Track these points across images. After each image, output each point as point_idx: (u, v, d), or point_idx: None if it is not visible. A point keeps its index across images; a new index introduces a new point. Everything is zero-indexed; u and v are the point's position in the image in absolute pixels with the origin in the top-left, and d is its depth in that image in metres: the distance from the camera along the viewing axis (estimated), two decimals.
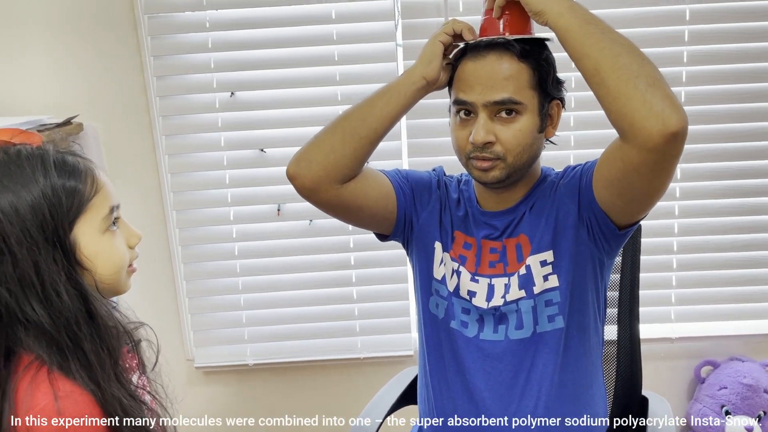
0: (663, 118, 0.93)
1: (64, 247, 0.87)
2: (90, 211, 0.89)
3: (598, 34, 0.99)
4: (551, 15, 1.02)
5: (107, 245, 0.91)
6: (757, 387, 1.91)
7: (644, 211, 1.11)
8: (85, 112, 1.86)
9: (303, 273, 2.00)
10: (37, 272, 0.85)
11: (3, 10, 1.83)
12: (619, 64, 0.96)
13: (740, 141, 1.90)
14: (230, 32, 1.86)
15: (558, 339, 1.16)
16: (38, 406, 0.83)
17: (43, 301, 0.85)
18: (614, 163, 1.04)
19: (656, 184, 1.03)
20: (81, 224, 0.89)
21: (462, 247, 1.23)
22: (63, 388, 0.84)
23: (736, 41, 1.84)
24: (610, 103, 0.97)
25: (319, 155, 1.15)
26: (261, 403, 2.10)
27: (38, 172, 0.87)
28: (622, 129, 0.98)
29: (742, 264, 1.97)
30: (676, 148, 0.96)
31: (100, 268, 0.90)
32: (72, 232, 0.88)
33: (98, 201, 0.90)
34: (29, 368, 0.84)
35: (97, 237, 0.90)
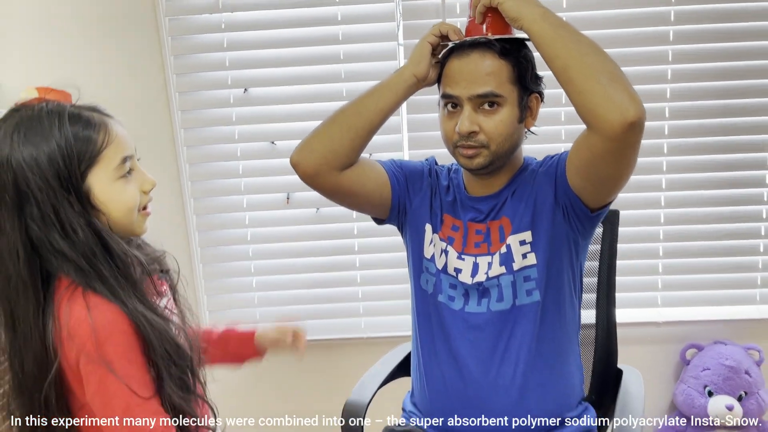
0: (622, 110, 1.05)
1: (78, 193, 0.98)
2: (103, 161, 0.99)
3: (567, 36, 1.11)
4: (526, 21, 1.14)
5: (119, 191, 1.01)
6: (739, 369, 2.00)
7: (612, 194, 1.23)
8: (111, 106, 1.99)
9: (310, 257, 2.12)
10: (56, 213, 0.96)
11: (38, 14, 1.98)
12: (584, 63, 1.08)
13: (723, 135, 1.99)
14: (244, 33, 1.99)
15: (535, 311, 1.28)
16: (74, 318, 0.95)
17: (64, 236, 0.97)
18: (582, 151, 1.16)
19: (620, 169, 1.15)
20: (95, 172, 0.99)
21: (450, 229, 1.35)
22: (94, 301, 0.96)
23: (720, 41, 1.94)
24: (576, 97, 1.09)
25: (319, 145, 1.28)
26: (271, 378, 2.22)
27: (55, 127, 0.97)
28: (587, 120, 1.10)
29: (726, 252, 2.06)
30: (634, 136, 1.08)
31: (113, 211, 1.01)
32: (87, 180, 0.98)
33: (110, 151, 1.00)
34: (68, 289, 0.97)
35: (109, 184, 1.00)
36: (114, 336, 0.96)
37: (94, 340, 0.94)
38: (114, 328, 0.96)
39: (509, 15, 1.16)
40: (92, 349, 0.95)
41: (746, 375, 2.01)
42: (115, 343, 0.96)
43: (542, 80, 1.28)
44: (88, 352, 0.95)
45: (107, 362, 0.95)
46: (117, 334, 0.96)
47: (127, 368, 0.97)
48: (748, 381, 2.01)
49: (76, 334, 0.95)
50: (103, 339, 0.95)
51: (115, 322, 0.96)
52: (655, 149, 2.01)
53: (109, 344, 0.95)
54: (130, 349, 0.97)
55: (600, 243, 1.55)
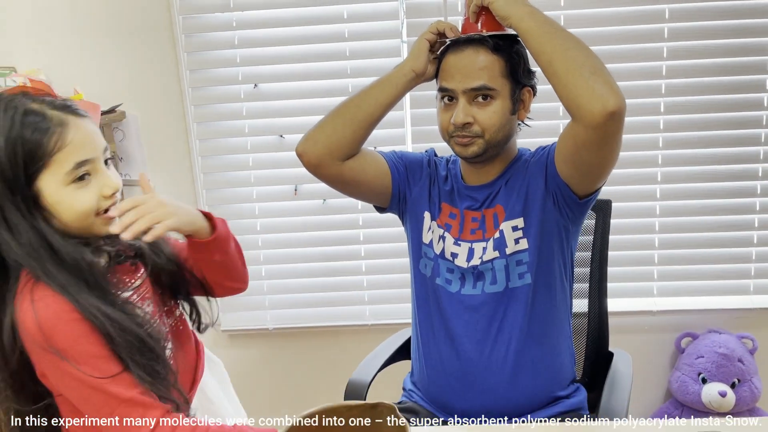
0: (603, 101, 1.12)
1: (25, 195, 0.96)
2: (53, 165, 0.96)
3: (552, 33, 1.18)
4: (514, 19, 1.21)
5: (70, 196, 0.98)
6: (732, 356, 2.06)
7: (598, 181, 1.30)
8: (127, 102, 2.10)
9: (317, 247, 2.20)
10: (2, 213, 0.96)
11: (62, 15, 2.07)
12: (568, 57, 1.15)
13: (717, 130, 2.05)
14: (254, 31, 2.07)
15: (527, 293, 1.35)
16: (22, 311, 0.96)
17: (9, 234, 0.97)
18: (567, 141, 1.23)
19: (603, 157, 1.22)
20: (45, 176, 0.96)
21: (448, 217, 1.42)
22: (39, 294, 0.96)
23: (714, 37, 1.99)
24: (561, 89, 1.17)
25: (323, 136, 1.37)
26: (279, 363, 2.31)
27: (6, 125, 0.95)
28: (571, 110, 1.17)
29: (721, 244, 2.12)
30: (614, 125, 1.15)
31: (63, 215, 0.99)
32: (36, 182, 0.97)
33: (62, 156, 0.96)
34: (27, 284, 0.98)
35: (60, 188, 0.97)
36: (59, 325, 0.95)
37: (40, 332, 0.94)
38: (59, 319, 0.95)
39: (499, 14, 1.23)
40: (42, 340, 0.95)
41: (739, 363, 2.06)
42: (62, 332, 0.95)
43: (535, 75, 1.35)
44: (39, 342, 0.95)
45: (57, 350, 0.95)
46: (62, 323, 0.95)
47: (81, 353, 0.96)
48: (741, 369, 2.06)
49: (24, 327, 0.96)
50: (49, 330, 0.95)
51: (60, 312, 0.96)
52: (651, 143, 2.07)
53: (56, 334, 0.95)
54: (80, 334, 0.96)
55: (592, 234, 1.61)
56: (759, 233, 2.10)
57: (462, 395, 1.37)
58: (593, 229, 1.61)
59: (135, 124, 2.14)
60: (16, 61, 2.09)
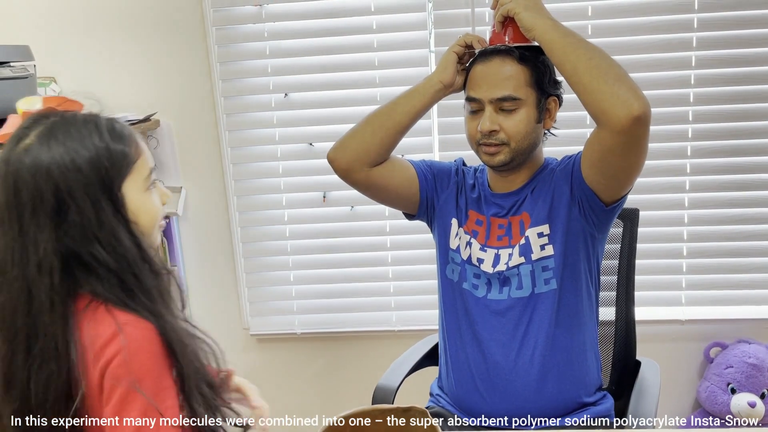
0: (628, 105, 1.14)
1: (117, 201, 0.95)
2: (135, 172, 0.98)
3: (575, 43, 1.21)
4: (539, 31, 1.24)
5: (148, 201, 1.00)
6: (762, 367, 2.04)
7: (624, 187, 1.31)
8: (162, 110, 2.16)
9: (345, 253, 2.23)
10: (99, 221, 0.92)
11: (100, 27, 2.14)
12: (591, 65, 1.18)
13: (746, 138, 2.04)
14: (285, 41, 2.12)
15: (552, 299, 1.37)
16: (104, 336, 0.89)
17: (107, 246, 0.92)
18: (594, 146, 1.25)
19: (629, 161, 1.23)
20: (128, 182, 0.97)
21: (474, 223, 1.45)
22: (123, 318, 0.91)
23: (742, 46, 1.98)
24: (585, 96, 1.19)
25: (353, 143, 1.41)
26: (307, 367, 2.34)
27: (94, 134, 0.94)
28: (596, 116, 1.19)
29: (749, 253, 2.10)
30: (640, 129, 1.17)
31: (142, 220, 0.98)
32: (122, 189, 0.96)
33: (141, 163, 0.99)
34: (88, 308, 0.91)
35: (140, 194, 0.98)
36: (141, 353, 0.90)
37: (121, 358, 0.89)
38: (142, 346, 0.91)
39: (524, 25, 1.26)
40: (117, 366, 0.89)
41: None
42: (143, 359, 0.90)
43: (561, 84, 1.38)
44: (113, 369, 0.89)
45: (134, 380, 0.89)
46: (145, 352, 0.91)
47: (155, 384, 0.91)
48: None
49: (103, 354, 0.89)
50: (131, 356, 0.89)
51: (146, 339, 0.91)
52: (679, 152, 2.06)
53: (137, 360, 0.90)
54: (159, 367, 0.92)
55: (620, 242, 1.61)
56: None
57: (488, 399, 1.39)
58: (620, 238, 1.62)
59: (169, 132, 2.20)
60: (56, 72, 2.16)
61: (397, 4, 2.07)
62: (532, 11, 1.26)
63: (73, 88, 2.16)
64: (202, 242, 2.28)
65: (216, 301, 2.32)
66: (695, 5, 1.98)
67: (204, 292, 2.32)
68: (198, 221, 2.27)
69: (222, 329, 2.34)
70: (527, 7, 1.27)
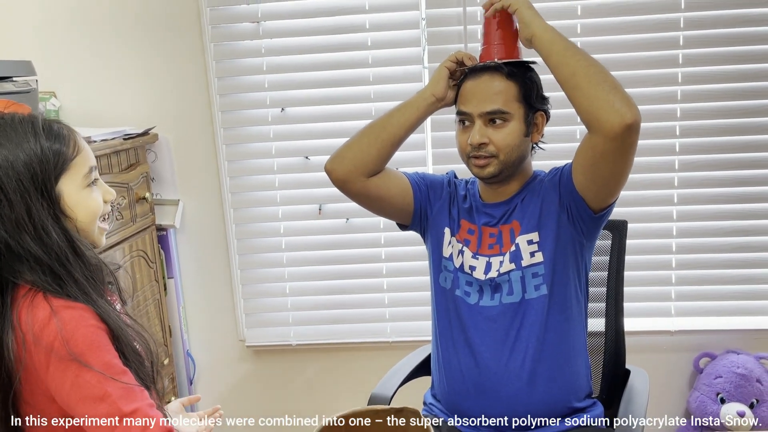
0: (621, 114, 1.19)
1: (51, 197, 1.01)
2: (72, 169, 1.04)
3: (574, 48, 1.27)
4: (538, 29, 1.31)
5: (86, 197, 1.06)
6: (750, 377, 2.07)
7: (613, 194, 1.35)
8: (161, 124, 2.20)
9: (340, 265, 2.26)
10: (29, 215, 0.99)
11: (99, 43, 2.18)
12: (590, 71, 1.23)
13: (733, 152, 2.09)
14: (282, 57, 2.16)
15: (542, 304, 1.40)
16: (40, 319, 0.96)
17: (36, 239, 0.99)
18: (586, 152, 1.30)
19: (619, 167, 1.28)
20: (65, 179, 1.03)
21: (467, 233, 1.49)
22: (58, 303, 0.98)
23: (729, 63, 2.04)
24: (582, 101, 1.24)
25: (350, 154, 1.45)
26: (302, 378, 2.36)
27: (29, 134, 1.01)
28: (590, 122, 1.24)
29: (738, 264, 2.14)
30: (631, 136, 1.22)
31: (80, 215, 1.05)
32: (57, 186, 1.02)
33: (79, 161, 1.05)
34: (26, 296, 0.99)
35: (78, 191, 1.04)
36: (80, 329, 0.96)
37: (61, 337, 0.95)
38: (79, 323, 0.97)
39: (524, 20, 1.31)
40: (60, 347, 0.95)
41: (758, 383, 2.07)
42: (83, 335, 0.96)
43: (548, 100, 1.42)
44: (57, 350, 0.95)
45: (77, 355, 0.95)
46: (83, 327, 0.97)
47: (100, 356, 0.96)
48: (760, 389, 2.07)
49: (42, 336, 0.96)
50: (69, 335, 0.95)
51: (81, 318, 0.97)
52: (667, 166, 2.11)
53: (77, 337, 0.95)
54: (97, 337, 0.97)
55: (609, 254, 1.65)
56: None
57: (480, 403, 1.42)
58: (609, 250, 1.65)
59: (167, 146, 2.24)
60: (56, 86, 2.20)
61: (391, 21, 2.12)
62: (533, 10, 1.31)
63: (72, 102, 2.20)
64: (199, 254, 2.31)
65: (212, 312, 2.35)
66: (680, 41, 2.04)
67: (201, 304, 2.34)
68: (195, 234, 2.30)
69: (218, 341, 2.36)
70: (528, 6, 1.33)
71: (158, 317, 2.17)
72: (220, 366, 2.38)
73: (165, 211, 2.24)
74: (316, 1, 2.12)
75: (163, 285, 2.23)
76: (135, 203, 2.04)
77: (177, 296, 2.28)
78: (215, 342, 2.36)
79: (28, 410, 1.02)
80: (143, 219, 2.10)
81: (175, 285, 2.28)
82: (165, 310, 2.23)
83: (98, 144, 1.86)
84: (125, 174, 2.00)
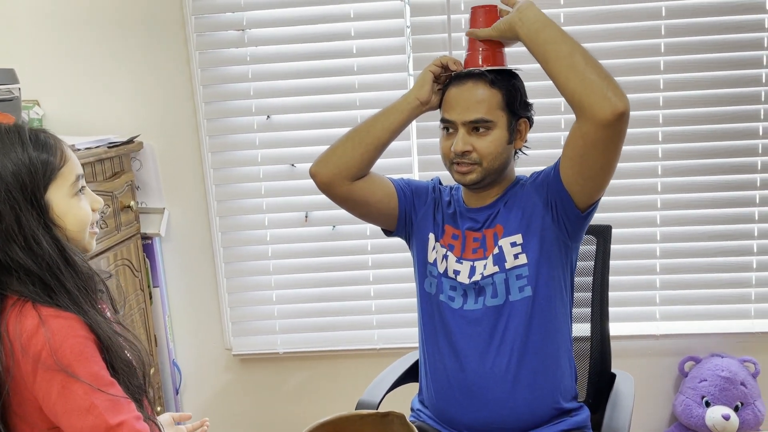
0: (614, 102, 1.21)
1: (40, 207, 1.01)
2: (60, 178, 1.04)
3: (570, 40, 1.27)
4: (535, 10, 1.30)
5: (75, 206, 1.06)
6: (735, 380, 2.09)
7: (599, 189, 1.35)
8: (146, 132, 2.19)
9: (327, 272, 2.26)
10: (19, 226, 0.98)
11: (83, 50, 2.17)
12: (587, 56, 1.25)
13: (715, 158, 2.11)
14: (267, 65, 2.16)
15: (527, 306, 1.40)
16: (29, 328, 0.95)
17: (26, 249, 0.99)
18: (576, 141, 1.29)
19: (608, 158, 1.29)
20: (53, 189, 1.03)
21: (451, 237, 1.49)
22: (47, 312, 0.97)
23: (710, 69, 2.07)
24: (576, 85, 1.23)
25: (334, 157, 1.46)
26: (289, 387, 2.35)
27: (17, 144, 1.01)
28: (583, 108, 1.24)
29: (721, 269, 2.17)
30: (622, 124, 1.23)
31: (69, 224, 1.05)
32: (46, 195, 1.02)
33: (66, 170, 1.05)
34: (14, 306, 0.98)
35: (66, 199, 1.04)
36: (68, 339, 0.96)
37: (48, 348, 0.94)
38: (68, 333, 0.96)
39: (521, 6, 1.31)
40: (48, 357, 0.94)
41: (742, 386, 2.09)
42: (71, 345, 0.96)
43: (531, 107, 1.43)
44: (44, 360, 0.94)
45: (65, 366, 0.94)
46: (71, 338, 0.96)
47: (88, 367, 0.96)
48: (744, 392, 2.09)
49: (30, 346, 0.95)
50: (57, 345, 0.95)
51: (70, 327, 0.97)
52: (650, 171, 2.13)
53: (65, 348, 0.95)
54: (86, 348, 0.97)
55: (594, 259, 1.66)
56: (758, 258, 2.15)
57: (467, 408, 1.42)
58: (594, 255, 1.66)
59: (152, 154, 2.23)
60: (40, 95, 2.18)
61: (376, 29, 2.13)
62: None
63: (56, 110, 2.19)
64: (184, 263, 2.30)
65: (198, 321, 2.33)
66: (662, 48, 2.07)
67: (186, 313, 2.33)
68: (180, 242, 2.29)
69: (204, 349, 2.35)
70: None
71: (144, 327, 2.16)
72: (206, 375, 2.37)
73: (150, 219, 2.23)
74: (301, 9, 2.13)
75: (148, 294, 2.21)
76: (120, 212, 2.02)
77: (162, 305, 2.27)
78: (201, 351, 2.35)
79: (18, 421, 1.01)
80: (128, 228, 2.08)
81: (161, 294, 2.26)
82: (150, 320, 2.21)
83: (82, 152, 1.85)
84: (110, 182, 1.99)
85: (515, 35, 1.32)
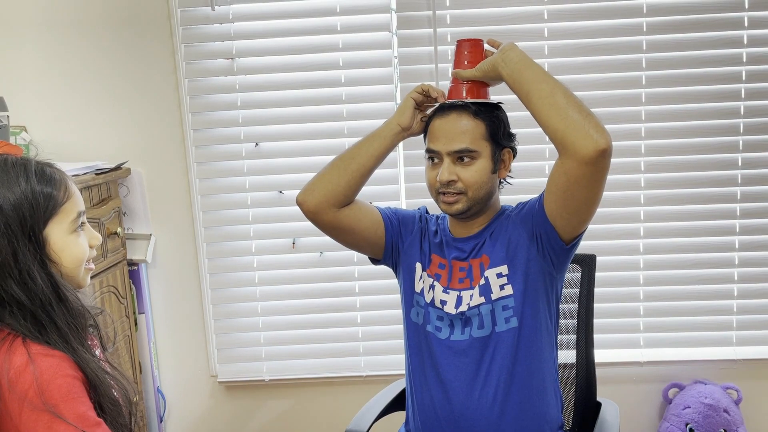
0: (595, 139, 1.23)
1: (38, 241, 1.00)
2: (61, 214, 1.03)
3: (552, 79, 1.30)
4: (518, 51, 1.33)
5: (73, 243, 1.05)
6: (718, 407, 2.10)
7: (583, 222, 1.37)
8: (133, 158, 2.20)
9: (314, 299, 2.26)
10: (15, 259, 0.98)
11: (70, 76, 2.18)
12: (569, 95, 1.27)
13: (696, 188, 2.16)
14: (255, 93, 2.19)
15: (513, 337, 1.41)
16: (17, 365, 0.94)
17: (20, 283, 0.98)
18: (559, 177, 1.31)
19: (592, 193, 1.31)
20: (53, 224, 1.02)
21: (437, 267, 1.50)
22: (36, 349, 0.96)
23: (690, 101, 2.12)
24: (558, 123, 1.26)
25: (320, 185, 1.47)
26: (275, 414, 2.33)
27: (21, 178, 1.00)
28: (566, 146, 1.26)
29: (703, 296, 2.20)
30: (604, 161, 1.25)
31: (65, 261, 1.04)
32: (45, 230, 1.01)
33: (68, 206, 1.04)
34: (5, 340, 0.97)
35: (65, 236, 1.04)
36: (56, 379, 0.95)
37: (36, 387, 0.93)
38: (56, 372, 0.96)
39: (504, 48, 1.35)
40: (34, 396, 0.93)
41: (725, 413, 2.11)
42: (58, 385, 0.95)
43: (515, 137, 1.46)
44: (31, 399, 0.94)
45: (51, 406, 0.94)
46: (59, 378, 0.95)
47: (74, 408, 0.95)
48: (727, 419, 2.11)
49: (17, 383, 0.94)
50: (45, 384, 0.94)
51: (58, 367, 0.96)
52: (633, 200, 2.17)
53: (52, 388, 0.94)
54: (73, 388, 0.96)
55: (578, 286, 1.68)
56: (739, 286, 2.19)
57: None
58: (579, 283, 1.68)
59: (139, 180, 2.23)
60: (27, 121, 2.19)
61: (365, 59, 2.16)
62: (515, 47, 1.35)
63: (44, 137, 2.18)
64: (170, 289, 2.29)
65: (184, 348, 2.32)
66: (642, 80, 2.12)
67: (172, 339, 2.32)
68: (167, 268, 2.28)
69: (189, 376, 2.33)
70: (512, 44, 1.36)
71: (128, 353, 2.14)
72: (191, 403, 2.34)
73: (136, 245, 2.22)
74: (291, 39, 2.16)
75: (133, 321, 2.20)
76: (106, 238, 2.02)
77: (148, 332, 2.25)
78: (186, 378, 2.33)
79: None
80: (114, 254, 2.08)
81: (146, 320, 2.25)
82: (135, 347, 2.19)
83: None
84: (97, 209, 1.99)
85: (498, 75, 1.36)
